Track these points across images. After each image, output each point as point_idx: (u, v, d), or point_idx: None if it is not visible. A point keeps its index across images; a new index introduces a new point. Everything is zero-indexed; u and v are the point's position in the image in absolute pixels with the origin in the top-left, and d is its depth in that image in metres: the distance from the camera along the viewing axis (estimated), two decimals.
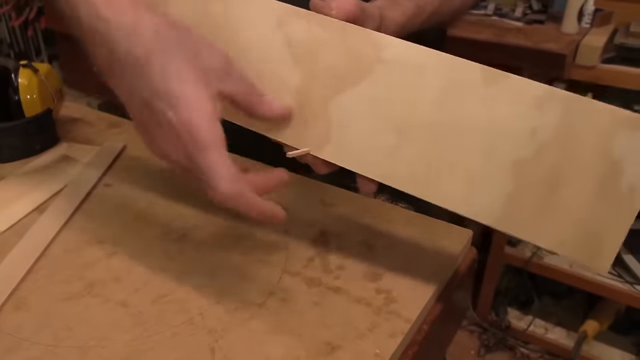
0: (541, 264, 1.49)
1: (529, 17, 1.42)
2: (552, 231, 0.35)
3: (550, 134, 0.35)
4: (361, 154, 0.40)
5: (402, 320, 0.39)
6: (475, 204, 0.37)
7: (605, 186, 0.34)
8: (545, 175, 0.35)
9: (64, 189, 0.54)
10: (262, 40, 0.42)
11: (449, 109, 0.37)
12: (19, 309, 0.39)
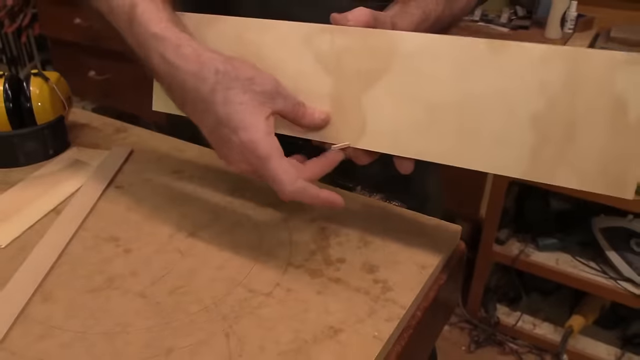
0: (528, 262, 1.54)
1: (514, 22, 1.47)
2: (576, 171, 0.39)
3: (557, 85, 0.39)
4: (395, 137, 0.45)
5: (397, 307, 0.43)
6: (504, 161, 0.41)
7: (615, 123, 0.38)
8: (561, 123, 0.39)
9: (78, 190, 0.58)
10: (294, 58, 0.47)
11: (466, 82, 0.42)
12: (47, 300, 0.43)
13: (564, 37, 1.36)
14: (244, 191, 0.59)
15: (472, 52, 0.41)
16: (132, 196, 0.58)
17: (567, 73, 0.38)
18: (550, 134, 0.40)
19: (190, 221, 0.53)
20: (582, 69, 0.38)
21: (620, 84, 0.37)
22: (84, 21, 1.88)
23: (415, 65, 0.43)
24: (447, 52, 0.42)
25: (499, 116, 0.41)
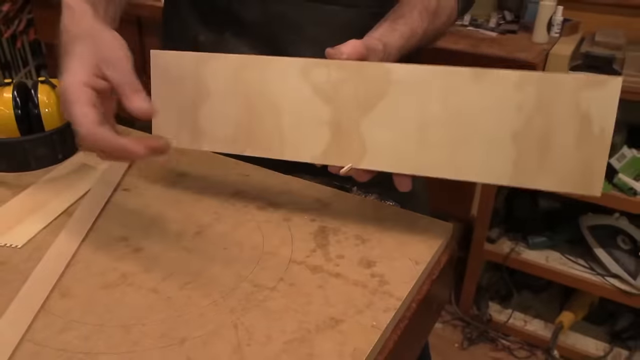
0: (519, 260, 1.57)
1: (503, 27, 1.51)
2: (553, 177, 0.45)
3: (532, 105, 0.45)
4: (393, 156, 0.49)
5: (394, 299, 0.46)
6: (491, 171, 0.47)
7: (582, 134, 0.44)
8: (537, 137, 0.45)
9: (87, 193, 0.60)
10: (293, 91, 0.51)
11: (453, 105, 0.47)
12: (65, 296, 0.45)
13: (550, 41, 1.40)
14: (246, 193, 0.62)
15: (458, 79, 0.47)
16: (138, 198, 0.61)
17: (539, 95, 0.45)
18: (529, 146, 0.45)
19: (195, 221, 0.56)
20: (551, 91, 0.44)
21: (584, 102, 0.43)
22: None
23: (407, 92, 0.48)
24: (435, 80, 0.47)
25: (484, 133, 0.47)
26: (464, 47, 1.34)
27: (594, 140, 0.44)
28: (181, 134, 0.56)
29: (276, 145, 0.52)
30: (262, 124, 0.53)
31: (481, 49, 1.33)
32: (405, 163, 0.49)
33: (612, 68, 1.27)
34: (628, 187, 1.35)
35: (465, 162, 0.47)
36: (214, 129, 0.54)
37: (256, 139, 0.53)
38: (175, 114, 0.55)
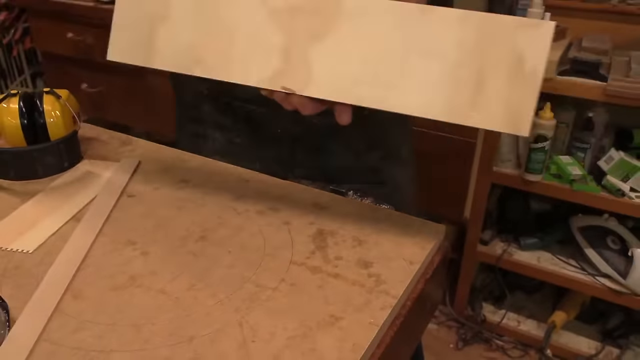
0: (511, 261, 1.60)
1: None
2: (485, 114, 0.48)
3: (471, 41, 0.47)
4: (337, 86, 0.51)
5: (390, 297, 0.49)
6: (427, 106, 0.49)
7: (515, 73, 0.46)
8: (474, 73, 0.47)
9: (94, 199, 0.63)
10: (249, 15, 0.53)
11: (398, 39, 0.49)
12: (77, 297, 0.47)
13: None
14: (246, 198, 0.64)
15: (406, 14, 0.49)
16: (143, 204, 0.63)
17: (478, 33, 0.47)
18: (464, 82, 0.48)
19: (199, 226, 0.59)
20: (490, 30, 0.47)
21: (519, 42, 0.46)
22: (76, 35, 1.92)
23: (356, 23, 0.51)
24: (384, 14, 0.50)
25: (423, 67, 0.49)
26: None
27: (525, 80, 0.46)
28: (136, 51, 0.57)
29: (225, 68, 0.54)
30: (214, 46, 0.54)
31: None
32: (346, 93, 0.51)
33: (599, 73, 1.31)
34: (616, 189, 1.38)
35: (403, 95, 0.50)
36: (168, 48, 0.56)
37: (207, 60, 0.55)
38: (133, 30, 0.57)
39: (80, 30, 1.91)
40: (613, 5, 1.53)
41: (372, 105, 0.51)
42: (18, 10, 2.16)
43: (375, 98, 0.50)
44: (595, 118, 1.44)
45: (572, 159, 1.47)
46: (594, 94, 1.30)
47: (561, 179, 1.44)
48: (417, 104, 0.49)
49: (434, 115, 0.49)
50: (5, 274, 0.50)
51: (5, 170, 0.65)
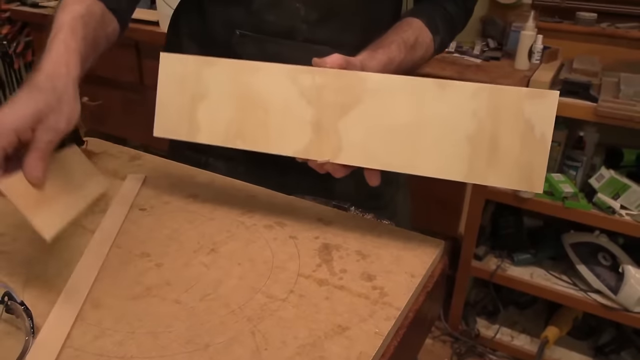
0: (504, 276, 1.63)
1: (487, 54, 1.59)
2: (501, 174, 0.53)
3: (484, 112, 0.53)
4: (365, 153, 0.57)
5: (393, 309, 0.52)
6: (448, 168, 0.55)
7: (525, 137, 0.52)
8: (488, 139, 0.53)
9: (106, 212, 0.65)
10: (282, 93, 0.59)
11: (418, 110, 0.55)
12: (97, 307, 0.50)
13: (531, 68, 1.48)
14: (253, 212, 0.67)
15: (423, 88, 0.55)
16: (154, 217, 0.65)
17: (490, 103, 0.53)
18: (481, 147, 0.53)
19: (209, 239, 0.61)
20: (500, 101, 0.52)
21: (527, 111, 0.51)
22: None
23: (379, 98, 0.56)
24: (404, 88, 0.56)
25: (444, 135, 0.55)
26: (451, 73, 1.42)
27: (535, 143, 0.51)
28: (180, 128, 0.63)
29: (263, 140, 0.60)
30: (252, 121, 0.60)
31: (467, 76, 1.40)
32: (375, 159, 0.57)
33: (589, 94, 1.35)
34: (607, 206, 1.42)
35: (426, 160, 0.55)
36: (210, 124, 0.61)
37: (246, 134, 0.60)
38: (176, 109, 0.63)
39: None
40: (602, 29, 1.59)
41: (398, 169, 0.56)
42: (20, 24, 2.19)
43: (401, 163, 0.56)
44: (586, 137, 1.49)
45: (564, 176, 1.51)
46: (585, 114, 1.34)
47: (553, 196, 1.48)
48: (439, 168, 0.55)
49: (455, 177, 0.54)
50: (28, 284, 0.53)
51: None
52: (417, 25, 0.73)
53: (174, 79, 0.63)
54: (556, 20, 1.65)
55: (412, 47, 0.71)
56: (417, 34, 0.73)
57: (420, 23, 0.74)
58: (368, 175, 0.59)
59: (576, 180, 1.52)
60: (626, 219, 1.41)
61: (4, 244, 0.59)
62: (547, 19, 1.65)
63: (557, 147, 1.53)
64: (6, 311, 0.46)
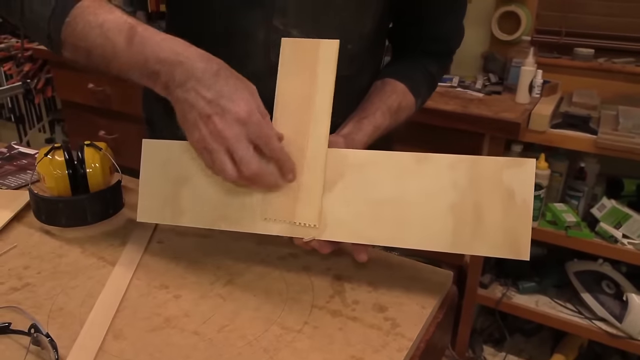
0: (510, 304, 1.61)
1: (488, 88, 1.61)
2: (486, 243, 0.52)
3: (465, 182, 0.53)
4: (350, 229, 0.56)
5: (405, 339, 0.52)
6: (433, 240, 0.54)
7: (507, 205, 0.52)
8: (471, 208, 0.52)
9: (126, 245, 0.66)
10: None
11: (400, 184, 0.55)
12: (118, 338, 0.50)
13: (532, 101, 1.49)
14: (267, 244, 0.68)
15: (403, 162, 0.55)
16: (172, 250, 0.66)
17: (469, 174, 0.53)
18: (464, 218, 0.53)
19: (225, 271, 0.62)
20: (480, 171, 0.52)
21: (506, 179, 0.51)
22: (96, 86, 1.99)
23: (362, 173, 0.56)
24: (384, 163, 0.56)
25: (426, 207, 0.54)
26: (455, 107, 1.43)
27: (517, 209, 0.51)
28: (163, 212, 0.62)
29: (248, 220, 0.58)
30: (236, 202, 0.59)
31: (470, 109, 1.42)
32: (360, 234, 0.56)
33: (589, 126, 1.36)
34: (609, 235, 1.42)
35: (411, 233, 0.54)
36: (193, 207, 0.60)
37: (231, 215, 0.59)
38: (160, 194, 0.62)
39: (100, 81, 1.98)
40: (599, 64, 1.61)
41: (384, 243, 0.56)
42: (41, 61, 2.24)
43: (387, 237, 0.55)
44: (587, 168, 1.49)
45: (566, 206, 1.51)
46: (585, 146, 1.35)
47: (556, 226, 1.48)
48: (424, 240, 0.54)
49: (441, 247, 0.54)
50: (51, 315, 0.53)
51: (58, 217, 0.69)
52: (400, 90, 0.74)
53: (156, 164, 0.62)
54: (555, 56, 1.68)
55: (395, 112, 0.73)
56: (401, 99, 0.74)
57: (404, 87, 0.75)
58: (355, 250, 0.58)
59: (578, 210, 1.51)
60: (629, 247, 1.40)
61: (29, 276, 0.60)
62: (546, 55, 1.67)
63: (558, 177, 1.53)
64: (33, 343, 0.47)
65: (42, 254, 0.64)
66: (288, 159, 0.56)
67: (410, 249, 0.54)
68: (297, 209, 0.57)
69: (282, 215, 0.57)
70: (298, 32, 0.66)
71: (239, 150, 0.51)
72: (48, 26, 0.55)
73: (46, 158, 0.71)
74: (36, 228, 0.70)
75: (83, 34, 0.54)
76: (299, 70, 0.57)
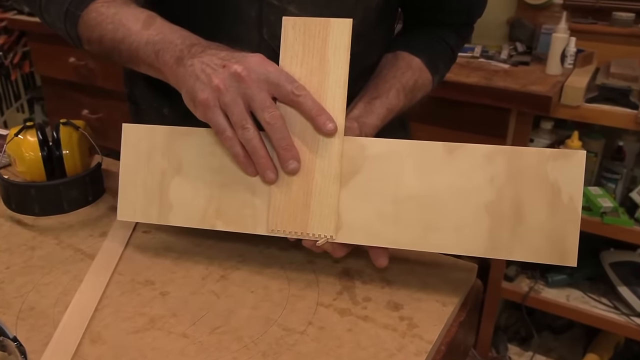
0: (538, 298, 1.59)
1: (515, 58, 1.57)
2: (526, 247, 0.50)
3: (503, 177, 0.50)
4: (368, 230, 0.53)
5: (424, 342, 0.49)
6: (465, 243, 0.51)
7: (552, 203, 0.49)
8: (509, 207, 0.50)
9: (107, 236, 0.64)
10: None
11: (427, 179, 0.52)
12: (96, 342, 0.48)
13: (564, 73, 1.45)
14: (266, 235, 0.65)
15: (431, 154, 0.52)
16: (159, 241, 0.64)
17: (508, 167, 0.50)
18: (502, 217, 0.50)
19: (219, 264, 0.60)
20: (520, 163, 0.50)
21: (551, 173, 0.49)
22: (78, 60, 1.97)
23: (382, 166, 0.53)
24: (409, 154, 0.52)
25: (457, 205, 0.51)
26: (477, 80, 1.40)
27: (564, 209, 0.49)
28: (150, 210, 0.58)
29: (250, 220, 0.55)
30: (235, 198, 0.55)
31: (494, 82, 1.38)
32: (380, 236, 0.53)
33: (629, 100, 1.32)
34: None
35: (439, 235, 0.51)
36: (184, 204, 0.57)
37: (229, 213, 0.56)
38: (143, 187, 0.58)
39: (82, 55, 1.96)
40: None
41: (408, 247, 0.53)
42: (18, 33, 2.21)
43: (411, 240, 0.52)
44: (626, 147, 1.45)
45: (602, 190, 1.48)
46: (624, 122, 1.32)
47: (591, 212, 1.45)
48: (455, 243, 0.51)
49: (474, 252, 0.51)
50: (21, 316, 0.51)
51: (30, 205, 0.67)
52: (416, 66, 0.71)
53: (140, 152, 0.58)
54: (590, 22, 1.63)
55: (411, 91, 0.70)
56: (417, 77, 0.71)
57: (420, 63, 0.72)
58: (374, 254, 0.55)
59: (615, 194, 1.48)
60: None
61: None
62: (580, 20, 1.62)
63: (593, 158, 1.50)
64: None
65: (11, 247, 0.62)
66: (319, 107, 0.52)
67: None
68: (311, 218, 0.53)
69: (292, 226, 0.54)
70: (295, 8, 0.63)
71: (257, 95, 0.50)
72: (64, 24, 0.63)
73: (17, 138, 0.69)
74: (6, 217, 0.68)
75: (97, 22, 0.60)
76: (305, 55, 0.53)
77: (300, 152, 0.53)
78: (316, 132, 0.53)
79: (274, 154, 0.53)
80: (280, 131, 0.51)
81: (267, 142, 0.52)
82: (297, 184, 0.53)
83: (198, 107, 0.51)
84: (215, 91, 0.50)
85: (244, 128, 0.50)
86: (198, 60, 0.52)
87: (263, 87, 0.50)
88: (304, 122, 0.53)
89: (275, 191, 0.54)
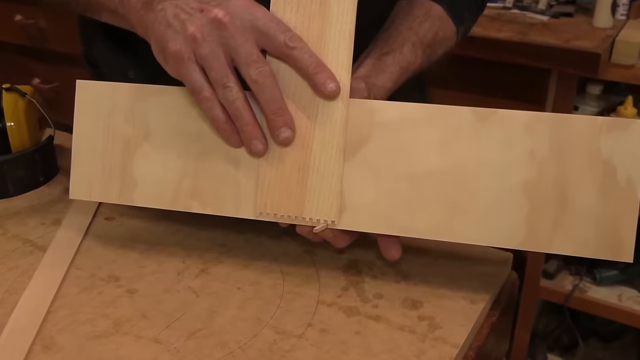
0: (584, 299, 1.59)
1: (555, 9, 1.56)
2: (572, 238, 0.49)
3: (545, 152, 0.49)
4: (377, 213, 0.52)
5: (449, 346, 0.49)
6: (497, 232, 0.50)
7: (605, 184, 0.48)
8: (553, 188, 0.49)
9: (61, 224, 0.63)
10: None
11: (452, 153, 0.50)
12: (49, 349, 0.48)
13: (615, 26, 1.44)
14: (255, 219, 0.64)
15: (457, 121, 0.50)
16: (125, 229, 0.64)
17: (552, 139, 0.49)
18: (543, 201, 0.49)
19: (198, 256, 0.60)
20: (567, 134, 0.48)
21: (605, 148, 0.47)
22: (25, 18, 1.95)
23: (394, 135, 0.51)
24: (429, 122, 0.51)
25: (488, 185, 0.50)
26: (509, 35, 1.38)
27: (619, 192, 0.47)
28: (109, 186, 0.56)
29: (232, 200, 0.54)
30: (214, 173, 0.54)
31: (530, 37, 1.37)
32: (391, 222, 0.52)
33: None
34: None
35: (465, 222, 0.50)
36: (152, 178, 0.55)
37: (206, 192, 0.54)
38: (102, 159, 0.56)
39: (31, 12, 1.94)
40: None
41: (425, 236, 0.52)
42: None
43: (429, 227, 0.51)
44: None
45: None
46: None
47: None
48: (485, 232, 0.50)
49: (508, 243, 0.50)
50: None
51: None
52: (436, 15, 0.70)
53: (98, 116, 0.56)
54: None
55: (429, 45, 0.68)
56: (437, 28, 0.69)
57: (441, 11, 0.70)
58: (384, 244, 0.54)
59: None
60: None
61: None
62: None
63: None
64: None
65: None
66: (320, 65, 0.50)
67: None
68: (307, 199, 0.52)
69: (284, 209, 0.53)
70: None
71: (242, 46, 0.48)
72: None
73: None
74: None
75: None
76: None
77: (295, 118, 0.52)
78: (315, 94, 0.51)
79: (262, 120, 0.51)
80: (270, 91, 0.49)
81: (254, 105, 0.51)
82: (290, 157, 0.52)
83: (169, 60, 0.49)
84: (190, 41, 0.48)
85: (225, 87, 0.49)
86: (170, 3, 0.50)
87: (249, 36, 0.49)
88: (300, 81, 0.51)
89: (264, 165, 0.53)
